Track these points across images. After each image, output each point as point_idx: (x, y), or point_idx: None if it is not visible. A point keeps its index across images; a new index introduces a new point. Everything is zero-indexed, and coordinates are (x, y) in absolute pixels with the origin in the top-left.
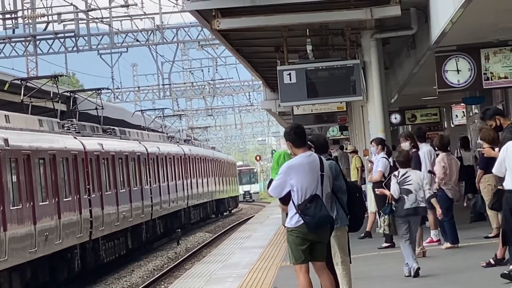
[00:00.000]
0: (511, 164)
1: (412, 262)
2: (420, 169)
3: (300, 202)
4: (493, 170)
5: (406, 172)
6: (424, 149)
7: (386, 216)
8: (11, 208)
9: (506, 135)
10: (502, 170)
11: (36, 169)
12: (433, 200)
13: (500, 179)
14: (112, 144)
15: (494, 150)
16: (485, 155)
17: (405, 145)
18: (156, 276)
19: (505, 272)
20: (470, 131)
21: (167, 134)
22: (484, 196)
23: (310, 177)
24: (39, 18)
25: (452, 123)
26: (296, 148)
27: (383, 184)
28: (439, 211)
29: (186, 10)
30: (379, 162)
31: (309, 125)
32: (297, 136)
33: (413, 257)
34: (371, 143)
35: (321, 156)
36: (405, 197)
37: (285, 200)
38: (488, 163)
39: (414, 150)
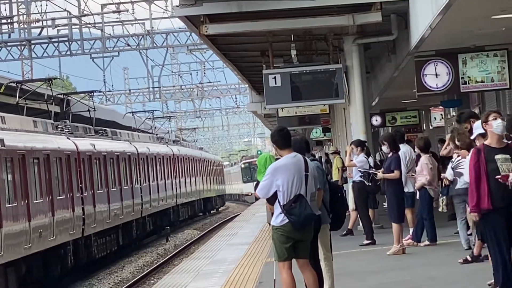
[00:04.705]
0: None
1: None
2: (400, 170)
3: (285, 202)
4: (467, 179)
5: (460, 157)
6: (403, 149)
7: (444, 197)
8: (7, 205)
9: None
10: None
11: (30, 169)
12: None
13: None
14: (103, 145)
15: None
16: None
17: (384, 148)
18: (146, 272)
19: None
20: (448, 133)
21: (156, 135)
22: None
23: (295, 177)
24: (34, 23)
25: (431, 125)
26: (281, 149)
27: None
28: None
29: (176, 16)
30: (358, 158)
31: (293, 127)
32: (281, 138)
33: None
34: (350, 145)
35: (305, 157)
36: (458, 179)
37: (272, 200)
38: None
39: (393, 152)
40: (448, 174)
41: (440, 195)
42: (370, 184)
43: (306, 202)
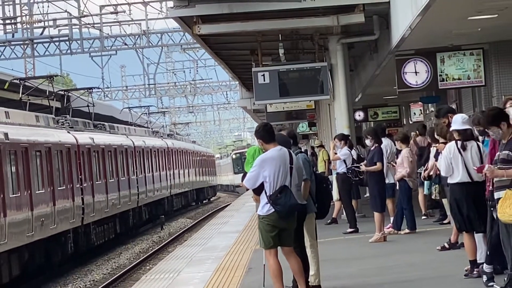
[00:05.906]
0: (456, 161)
1: None
2: (383, 162)
3: (271, 193)
4: (442, 173)
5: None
6: (384, 142)
7: (437, 186)
8: (11, 196)
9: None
10: (450, 170)
11: (33, 161)
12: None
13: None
14: (102, 138)
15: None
16: (438, 150)
17: (367, 141)
18: (142, 258)
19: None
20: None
21: (152, 129)
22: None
23: (281, 169)
24: (36, 23)
25: (411, 120)
26: (267, 144)
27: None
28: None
29: (170, 16)
30: (341, 151)
31: (281, 121)
32: (266, 133)
33: None
34: (334, 139)
35: (290, 150)
36: None
37: (258, 190)
38: None
39: (376, 145)
40: (439, 164)
41: (433, 183)
42: (356, 179)
43: (291, 193)
